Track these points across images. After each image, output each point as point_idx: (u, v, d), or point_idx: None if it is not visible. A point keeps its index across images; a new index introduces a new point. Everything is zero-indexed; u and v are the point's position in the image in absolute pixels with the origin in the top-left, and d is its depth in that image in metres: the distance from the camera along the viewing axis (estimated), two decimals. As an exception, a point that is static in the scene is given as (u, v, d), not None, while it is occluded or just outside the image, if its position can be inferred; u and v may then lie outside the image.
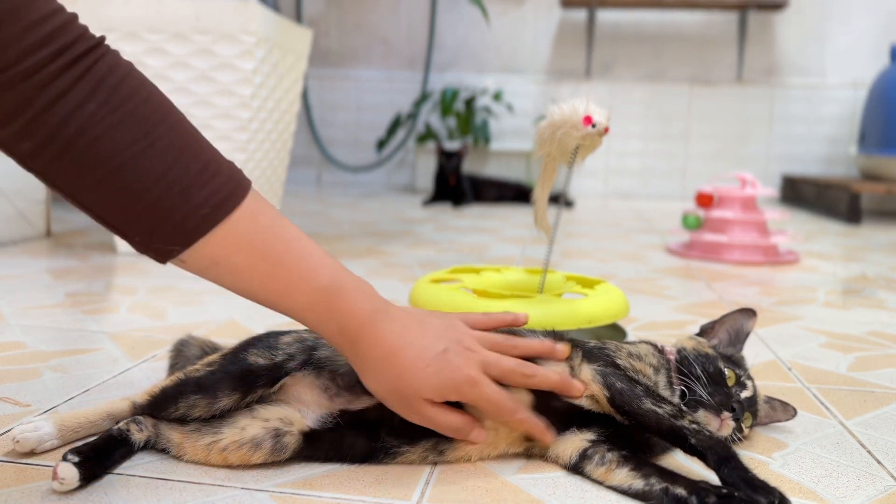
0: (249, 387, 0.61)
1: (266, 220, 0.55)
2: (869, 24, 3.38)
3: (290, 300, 0.56)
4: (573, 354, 0.63)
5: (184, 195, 0.52)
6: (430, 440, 0.60)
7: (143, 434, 0.61)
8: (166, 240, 0.52)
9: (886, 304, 1.32)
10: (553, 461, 0.62)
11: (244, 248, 0.54)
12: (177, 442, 0.60)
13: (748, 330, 0.72)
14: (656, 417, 0.57)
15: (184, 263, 0.55)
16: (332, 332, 0.57)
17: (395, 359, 0.56)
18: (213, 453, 0.59)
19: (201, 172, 0.53)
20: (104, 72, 0.50)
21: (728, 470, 0.52)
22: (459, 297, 0.89)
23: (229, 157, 1.51)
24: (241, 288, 0.56)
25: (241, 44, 1.47)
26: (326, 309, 0.56)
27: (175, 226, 0.52)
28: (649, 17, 3.51)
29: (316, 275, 0.56)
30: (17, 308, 1.10)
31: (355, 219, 2.37)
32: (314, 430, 0.60)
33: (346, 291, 0.57)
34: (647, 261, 1.73)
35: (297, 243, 0.56)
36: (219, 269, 0.55)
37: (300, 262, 0.56)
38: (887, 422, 0.75)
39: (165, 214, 0.51)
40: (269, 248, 0.55)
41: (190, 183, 0.52)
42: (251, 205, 0.55)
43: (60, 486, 0.54)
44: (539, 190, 0.91)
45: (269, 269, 0.55)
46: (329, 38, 3.69)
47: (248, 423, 0.59)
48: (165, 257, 0.54)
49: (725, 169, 3.51)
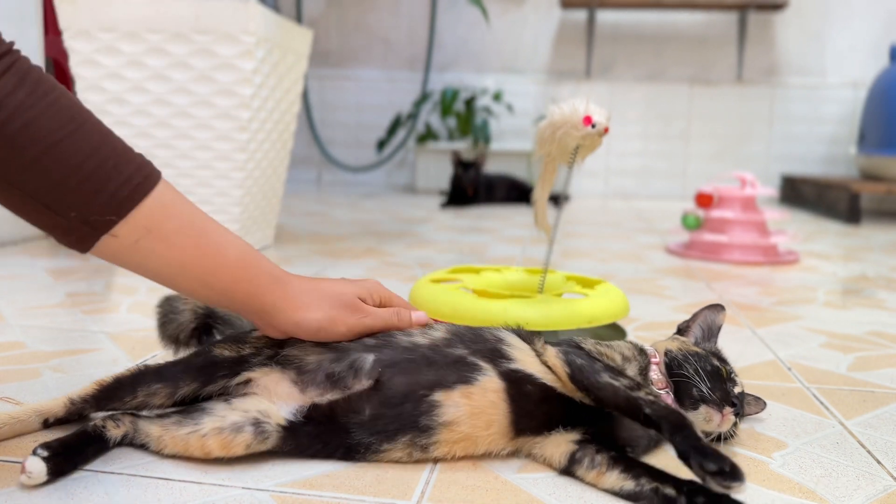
0: (210, 376, 0.63)
1: (180, 195, 0.61)
2: (869, 24, 3.38)
3: (223, 258, 0.61)
4: (536, 340, 0.66)
5: (116, 168, 0.57)
6: (406, 434, 0.60)
7: (119, 430, 0.61)
8: (103, 210, 0.56)
9: (886, 304, 1.32)
10: (544, 463, 0.62)
11: (174, 214, 0.59)
12: (156, 436, 0.60)
13: (720, 324, 0.74)
14: (613, 389, 0.58)
15: (115, 239, 0.57)
16: (264, 280, 0.62)
17: (321, 283, 0.65)
18: (193, 441, 0.59)
19: (125, 151, 0.58)
20: (26, 68, 0.55)
21: (681, 438, 0.52)
22: (459, 297, 0.89)
23: (230, 157, 1.52)
24: (171, 259, 0.59)
25: (241, 44, 1.47)
26: (255, 260, 0.63)
27: (110, 195, 0.56)
28: (649, 17, 3.51)
29: (234, 237, 0.63)
30: (17, 308, 1.10)
31: (355, 219, 2.37)
32: (292, 423, 0.60)
33: (256, 250, 0.64)
34: (647, 261, 1.73)
35: (207, 215, 0.63)
36: (150, 239, 0.58)
37: (219, 227, 0.63)
38: (887, 422, 0.75)
39: (101, 186, 0.56)
40: (193, 214, 0.61)
41: (119, 159, 0.57)
42: (166, 182, 0.61)
43: (28, 480, 0.55)
44: (539, 190, 0.91)
45: (199, 232, 0.60)
46: (329, 39, 3.70)
47: (228, 413, 0.59)
48: (101, 231, 0.57)
49: (725, 169, 3.52)
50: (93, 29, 1.48)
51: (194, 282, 0.61)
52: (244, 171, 1.54)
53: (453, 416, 0.60)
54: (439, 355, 0.63)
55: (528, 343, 0.66)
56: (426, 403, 0.60)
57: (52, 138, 0.54)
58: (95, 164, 0.56)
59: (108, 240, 0.57)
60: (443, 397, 0.60)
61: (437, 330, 0.67)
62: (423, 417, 0.60)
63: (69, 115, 0.56)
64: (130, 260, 0.59)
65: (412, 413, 0.60)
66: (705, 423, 0.62)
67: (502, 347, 0.64)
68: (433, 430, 0.60)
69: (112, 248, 0.58)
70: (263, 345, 0.65)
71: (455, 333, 0.66)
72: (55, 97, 0.56)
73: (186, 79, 1.49)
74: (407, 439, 0.60)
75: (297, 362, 0.63)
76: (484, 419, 0.60)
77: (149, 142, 1.53)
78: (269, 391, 0.62)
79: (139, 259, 0.59)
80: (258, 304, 0.62)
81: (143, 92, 1.50)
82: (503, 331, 0.68)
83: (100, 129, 0.58)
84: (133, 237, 0.57)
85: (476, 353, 0.63)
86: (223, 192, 1.54)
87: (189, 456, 0.60)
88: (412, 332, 0.66)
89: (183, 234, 0.59)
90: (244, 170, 1.54)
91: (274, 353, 0.64)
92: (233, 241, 0.62)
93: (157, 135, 1.52)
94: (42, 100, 0.55)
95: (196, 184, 1.54)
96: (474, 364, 0.62)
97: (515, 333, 0.67)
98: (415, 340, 0.65)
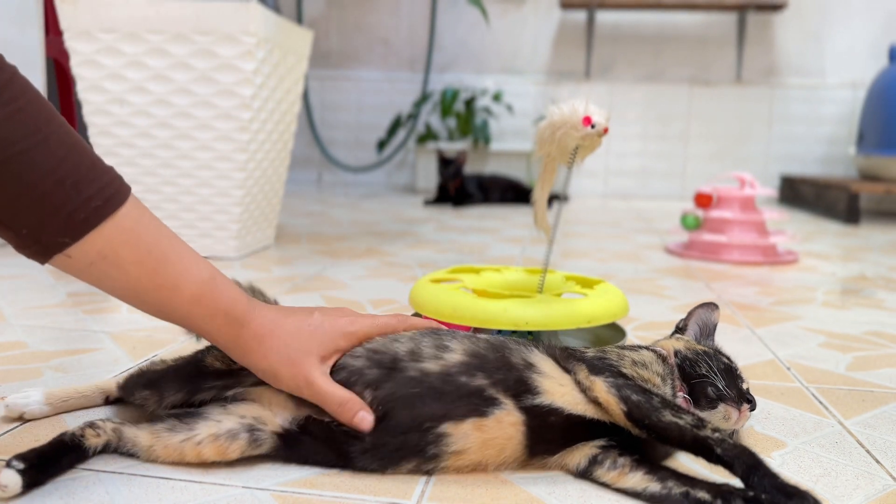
0: (197, 387, 0.62)
1: (147, 218, 0.57)
2: (868, 24, 3.38)
3: (177, 294, 0.57)
4: (576, 368, 0.61)
5: (76, 188, 0.53)
6: (412, 461, 0.58)
7: (100, 439, 0.59)
8: (56, 232, 0.53)
9: (885, 304, 1.32)
10: (558, 468, 0.61)
11: (131, 242, 0.55)
12: (146, 445, 0.59)
13: (715, 321, 0.74)
14: (678, 430, 0.54)
15: (69, 259, 0.54)
16: (218, 322, 0.58)
17: (279, 330, 0.60)
18: (187, 449, 0.58)
19: (91, 169, 0.54)
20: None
21: (758, 478, 0.50)
22: (459, 297, 0.89)
23: (230, 157, 1.53)
24: (125, 285, 0.56)
25: (241, 44, 1.47)
26: (212, 298, 0.58)
27: (66, 217, 0.53)
28: (649, 17, 3.51)
29: (198, 268, 0.59)
30: (18, 308, 1.10)
31: (356, 219, 2.38)
32: (288, 430, 0.59)
33: (225, 282, 0.60)
34: (647, 261, 1.73)
35: (177, 241, 0.59)
36: (105, 265, 0.55)
37: (184, 257, 0.58)
38: (886, 421, 0.75)
39: (57, 206, 0.52)
40: (154, 243, 0.57)
41: (81, 178, 0.53)
42: (135, 203, 0.57)
43: (2, 493, 0.53)
44: (539, 190, 0.91)
45: (156, 263, 0.56)
46: (329, 39, 3.70)
47: (224, 417, 0.59)
48: (53, 251, 0.54)
49: (724, 169, 3.52)
50: (94, 29, 1.48)
51: (150, 309, 0.58)
52: (245, 171, 1.54)
53: (463, 446, 0.58)
54: (451, 386, 0.58)
55: (568, 372, 0.61)
56: (433, 434, 0.57)
57: (8, 151, 0.50)
58: (54, 182, 0.52)
59: (61, 258, 0.54)
60: (452, 429, 0.57)
61: (455, 352, 0.61)
62: (430, 447, 0.57)
63: (34, 126, 0.52)
64: (86, 278, 0.56)
65: (418, 443, 0.57)
66: (723, 422, 0.62)
67: (531, 377, 0.59)
68: (440, 457, 0.58)
69: (66, 266, 0.55)
70: None
71: (476, 356, 0.61)
72: (20, 105, 0.52)
73: (187, 79, 1.49)
74: (412, 465, 0.58)
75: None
76: (496, 448, 0.58)
77: (150, 142, 1.53)
78: (265, 399, 0.61)
79: (94, 280, 0.56)
80: (219, 339, 0.60)
81: (144, 92, 1.50)
82: (536, 353, 0.63)
83: (67, 141, 0.54)
84: (86, 260, 0.55)
85: (497, 383, 0.59)
86: (224, 192, 1.54)
87: (183, 463, 0.59)
88: (423, 356, 0.61)
89: (138, 263, 0.56)
90: (245, 170, 1.54)
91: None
92: (194, 273, 0.58)
93: (158, 135, 1.52)
94: (5, 108, 0.51)
95: (197, 184, 1.54)
96: (492, 398, 0.58)
97: (551, 357, 0.63)
98: (424, 368, 0.60)
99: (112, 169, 0.57)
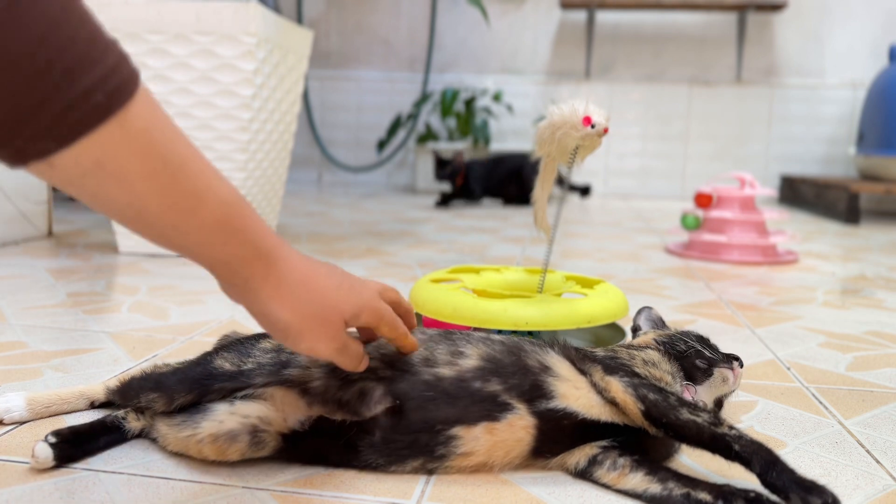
0: (206, 389, 0.60)
1: (161, 117, 0.43)
2: (868, 24, 3.38)
3: (194, 217, 0.45)
4: (591, 369, 0.61)
5: (68, 74, 0.37)
6: (418, 459, 0.58)
7: (139, 423, 0.62)
8: (37, 135, 0.38)
9: (885, 304, 1.32)
10: (557, 467, 0.61)
11: (141, 150, 0.41)
12: (163, 433, 0.61)
13: (659, 316, 0.79)
14: (696, 427, 0.54)
15: (51, 168, 0.39)
16: (240, 254, 0.48)
17: (312, 282, 0.51)
18: (191, 445, 0.59)
19: (90, 45, 0.38)
20: None
21: (776, 474, 0.50)
22: (459, 297, 0.89)
23: (230, 157, 1.53)
24: (128, 202, 0.42)
25: (241, 45, 1.47)
26: (237, 227, 0.47)
27: (54, 117, 0.37)
28: (648, 17, 3.51)
29: (220, 186, 0.46)
30: (18, 308, 1.10)
31: (356, 219, 2.38)
32: (294, 431, 0.59)
33: (251, 209, 0.49)
34: (647, 261, 1.73)
35: (194, 149, 0.45)
36: (102, 177, 0.41)
37: (205, 170, 0.45)
38: (886, 421, 0.75)
39: (40, 100, 0.37)
40: (170, 149, 0.43)
41: (77, 57, 0.37)
42: (145, 96, 0.41)
43: (35, 463, 0.56)
44: (538, 190, 0.91)
45: (170, 177, 0.43)
46: (330, 39, 3.70)
47: (227, 418, 0.58)
48: (29, 157, 0.39)
49: (724, 169, 3.52)
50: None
51: (154, 233, 0.45)
52: (245, 171, 1.54)
53: (472, 448, 0.58)
54: (465, 392, 0.58)
55: (584, 374, 0.61)
56: (444, 436, 0.57)
57: None
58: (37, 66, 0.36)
59: (41, 166, 0.39)
60: (463, 432, 0.57)
61: (470, 357, 0.61)
62: (439, 447, 0.58)
63: None
64: (75, 192, 0.42)
65: (427, 443, 0.58)
66: (722, 385, 0.64)
67: (546, 380, 0.59)
68: (447, 457, 0.58)
69: (48, 176, 0.40)
70: (266, 362, 0.61)
71: (491, 360, 0.61)
72: None
73: (187, 79, 1.49)
74: (418, 463, 0.58)
75: (301, 385, 0.60)
76: (504, 449, 0.58)
77: (149, 142, 1.53)
78: (276, 399, 0.60)
79: (85, 195, 0.42)
80: (230, 275, 0.49)
81: (144, 92, 1.50)
82: (553, 354, 0.63)
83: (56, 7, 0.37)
84: (77, 171, 0.40)
85: (512, 389, 0.59)
86: (223, 192, 1.54)
87: (188, 455, 0.60)
88: (437, 361, 0.60)
89: (148, 177, 0.42)
90: (245, 170, 1.54)
91: (276, 377, 0.60)
92: (216, 191, 0.45)
93: (158, 135, 1.52)
94: None
95: (196, 184, 1.54)
96: (506, 404, 0.58)
97: (567, 359, 0.63)
98: (438, 373, 0.59)
99: (116, 43, 0.40)
